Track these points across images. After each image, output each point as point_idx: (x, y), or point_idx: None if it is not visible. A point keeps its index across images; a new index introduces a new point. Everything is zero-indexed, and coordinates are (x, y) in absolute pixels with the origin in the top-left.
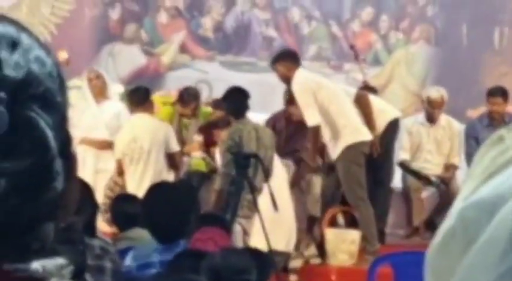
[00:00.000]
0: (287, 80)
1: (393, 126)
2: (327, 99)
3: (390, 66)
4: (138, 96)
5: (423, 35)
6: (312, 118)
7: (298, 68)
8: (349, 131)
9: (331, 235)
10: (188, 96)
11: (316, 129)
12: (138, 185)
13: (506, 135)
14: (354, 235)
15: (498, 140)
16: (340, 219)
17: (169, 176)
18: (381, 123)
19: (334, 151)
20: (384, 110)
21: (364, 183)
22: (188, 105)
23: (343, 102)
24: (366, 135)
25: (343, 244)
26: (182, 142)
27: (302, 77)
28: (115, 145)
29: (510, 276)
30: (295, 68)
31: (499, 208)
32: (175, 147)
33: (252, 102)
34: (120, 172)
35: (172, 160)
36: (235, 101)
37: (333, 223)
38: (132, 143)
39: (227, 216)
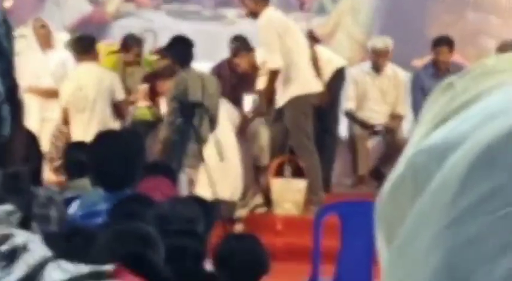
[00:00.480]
0: (254, 14)
1: (339, 75)
2: (288, 46)
3: (336, 16)
4: (83, 45)
5: None
6: (274, 61)
7: (267, 4)
8: (300, 81)
9: (276, 184)
10: (130, 42)
11: (276, 73)
12: (83, 134)
13: (456, 82)
14: (300, 184)
15: (448, 86)
16: (287, 169)
17: (115, 125)
18: (327, 72)
19: (282, 98)
20: (329, 59)
21: (311, 133)
22: (130, 51)
23: (302, 52)
24: (315, 87)
25: (288, 193)
26: (127, 90)
27: (271, 16)
28: (60, 94)
29: (462, 219)
30: (264, 4)
31: (449, 153)
32: (120, 96)
33: (197, 51)
34: (66, 120)
35: (117, 109)
36: (180, 50)
37: (280, 173)
38: (77, 91)
39: (173, 165)
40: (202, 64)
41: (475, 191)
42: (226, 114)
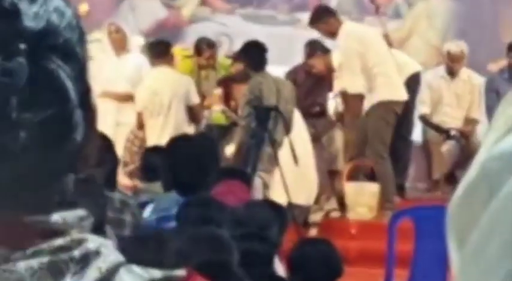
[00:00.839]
0: (332, 35)
1: (414, 80)
2: (372, 61)
3: (411, 20)
4: (159, 50)
5: None
6: (355, 85)
7: (339, 21)
8: (386, 88)
9: (350, 188)
10: (203, 46)
11: (359, 98)
12: (158, 138)
13: None
14: (373, 188)
15: None
16: (361, 173)
17: (189, 129)
18: (402, 77)
19: (366, 104)
20: (404, 63)
21: (388, 141)
22: (203, 54)
23: (386, 60)
24: (402, 95)
25: (362, 197)
26: (202, 94)
27: (349, 36)
28: (136, 98)
29: None
30: (337, 21)
31: None
32: (195, 100)
33: (271, 55)
34: (141, 125)
35: (192, 113)
36: (254, 54)
37: (354, 177)
38: (152, 96)
39: (247, 169)
40: (277, 68)
41: None
42: (301, 119)
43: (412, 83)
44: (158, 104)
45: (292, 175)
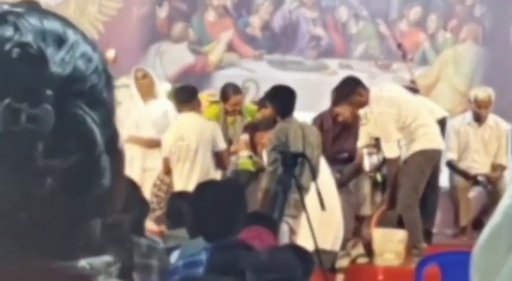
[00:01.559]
0: (363, 105)
1: (441, 126)
2: (408, 118)
3: (438, 66)
4: (185, 95)
5: (471, 34)
6: (391, 150)
7: (366, 88)
8: (425, 138)
9: (378, 234)
10: (228, 91)
11: (395, 161)
12: (185, 184)
13: None
14: (401, 234)
15: None
16: (389, 219)
17: (216, 175)
18: None
19: (406, 153)
20: (431, 109)
21: (421, 190)
22: (229, 100)
23: (421, 113)
24: (439, 144)
25: (390, 243)
26: (229, 140)
27: (381, 104)
28: (162, 144)
29: None
30: (365, 90)
31: None
32: (222, 146)
33: (299, 101)
34: (167, 170)
35: (219, 159)
36: (282, 99)
37: (381, 223)
38: (179, 141)
39: (274, 215)
40: (303, 114)
41: None
42: (326, 165)
43: (439, 128)
44: (184, 149)
45: (319, 221)
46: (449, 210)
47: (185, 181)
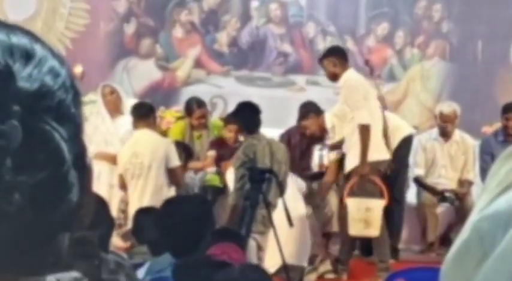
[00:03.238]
0: (334, 76)
1: (407, 143)
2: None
3: (405, 82)
4: (141, 112)
5: (438, 50)
6: (363, 116)
7: (346, 64)
8: (372, 150)
9: (351, 203)
10: (193, 105)
11: (367, 128)
12: (138, 200)
13: None
14: (374, 203)
15: None
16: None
17: (170, 192)
18: (395, 140)
19: (350, 163)
20: (397, 127)
21: None
22: (194, 114)
23: (377, 119)
24: (384, 155)
25: (361, 212)
26: (195, 155)
27: (356, 77)
28: (118, 160)
29: None
30: (344, 65)
31: None
32: (175, 162)
33: (266, 117)
34: (123, 186)
35: (173, 176)
36: (247, 116)
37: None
38: (133, 158)
39: (242, 231)
40: (271, 130)
41: None
42: (293, 180)
43: (405, 145)
44: (138, 166)
45: (286, 237)
46: (416, 226)
47: (139, 197)
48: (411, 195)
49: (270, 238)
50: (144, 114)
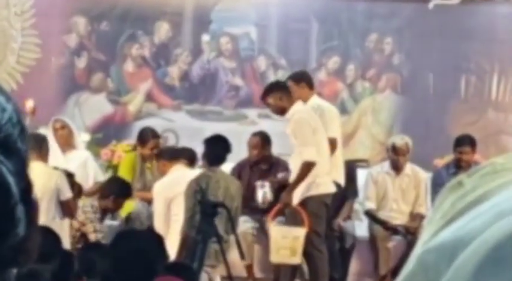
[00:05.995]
0: (282, 111)
1: (350, 170)
2: (316, 144)
3: (357, 115)
4: (34, 144)
5: (390, 83)
6: (311, 153)
7: (292, 98)
8: (316, 184)
9: (275, 231)
10: (146, 136)
11: (310, 166)
12: None
13: (466, 181)
14: (298, 231)
15: (458, 185)
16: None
17: (64, 223)
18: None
19: (295, 197)
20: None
21: (322, 234)
22: (147, 144)
23: (324, 152)
24: (329, 188)
25: (286, 240)
26: (145, 186)
27: (304, 111)
28: None
29: None
30: (290, 98)
31: (458, 252)
32: (67, 194)
33: None
34: None
35: (66, 208)
36: (214, 149)
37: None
38: None
39: (194, 265)
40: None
41: None
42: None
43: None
44: None
45: (238, 269)
46: (368, 259)
47: None
48: (363, 228)
49: (220, 271)
50: (36, 146)
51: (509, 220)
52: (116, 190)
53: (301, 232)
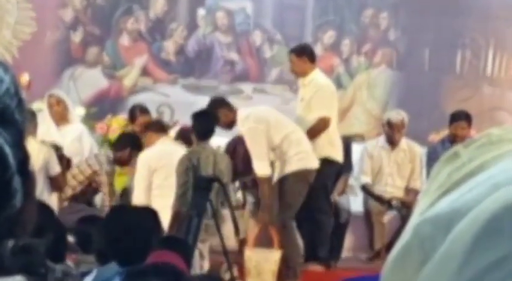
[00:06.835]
0: (230, 125)
1: (345, 146)
2: (275, 135)
3: (352, 90)
4: None
5: (385, 59)
6: (263, 169)
7: (235, 112)
8: (297, 158)
9: (254, 254)
10: (136, 112)
11: (268, 180)
12: None
13: (462, 152)
14: (278, 255)
15: (454, 156)
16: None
17: (52, 198)
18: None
19: (279, 172)
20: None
21: (295, 211)
22: (137, 120)
23: (294, 134)
24: (312, 163)
25: (266, 263)
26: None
27: (249, 119)
28: None
29: None
30: (233, 112)
31: (454, 223)
32: (56, 169)
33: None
34: None
35: (54, 182)
36: (202, 124)
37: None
38: None
39: (188, 240)
40: (217, 138)
41: (480, 261)
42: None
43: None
44: None
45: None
46: (363, 234)
47: None
48: (358, 203)
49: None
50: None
51: (505, 191)
52: (131, 143)
53: (278, 255)
